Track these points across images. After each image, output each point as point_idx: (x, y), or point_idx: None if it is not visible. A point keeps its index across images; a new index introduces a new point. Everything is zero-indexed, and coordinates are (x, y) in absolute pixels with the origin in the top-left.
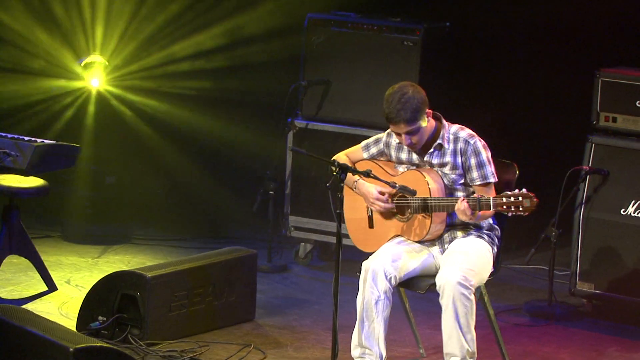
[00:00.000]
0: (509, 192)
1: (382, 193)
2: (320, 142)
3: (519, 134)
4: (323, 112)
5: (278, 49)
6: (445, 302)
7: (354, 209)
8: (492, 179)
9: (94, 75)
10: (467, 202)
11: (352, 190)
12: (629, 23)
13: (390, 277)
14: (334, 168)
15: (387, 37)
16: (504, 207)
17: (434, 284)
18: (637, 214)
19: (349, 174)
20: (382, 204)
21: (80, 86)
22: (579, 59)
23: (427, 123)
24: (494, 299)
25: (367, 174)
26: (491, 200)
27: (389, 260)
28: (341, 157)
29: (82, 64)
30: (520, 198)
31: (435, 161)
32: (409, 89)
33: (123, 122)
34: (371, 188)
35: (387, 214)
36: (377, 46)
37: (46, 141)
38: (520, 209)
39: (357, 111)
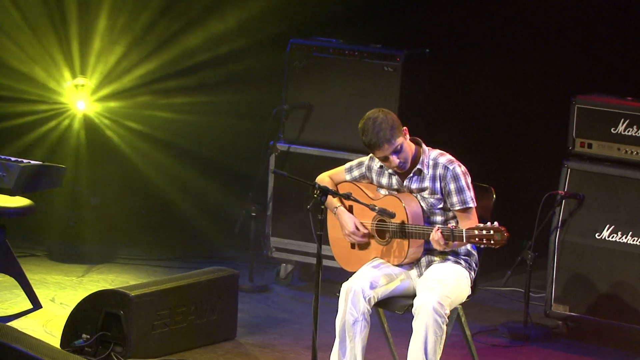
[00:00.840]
0: (482, 225)
1: (358, 228)
2: (301, 164)
3: (496, 159)
4: (304, 136)
5: (261, 73)
6: (418, 325)
7: (337, 228)
8: (472, 204)
9: (80, 98)
10: (441, 232)
11: (332, 214)
12: (605, 51)
13: (369, 298)
14: (314, 190)
15: (368, 62)
16: (476, 239)
17: (412, 306)
18: (612, 238)
19: (331, 197)
20: (356, 238)
21: (66, 108)
22: (556, 85)
23: (407, 140)
24: (471, 319)
25: (347, 197)
26: (464, 232)
27: (367, 281)
28: (324, 177)
29: (68, 87)
30: (492, 232)
31: (414, 186)
32: (378, 113)
33: (108, 144)
34: (349, 221)
35: (368, 238)
36: (358, 71)
37: (32, 162)
38: (492, 242)
39: (338, 135)
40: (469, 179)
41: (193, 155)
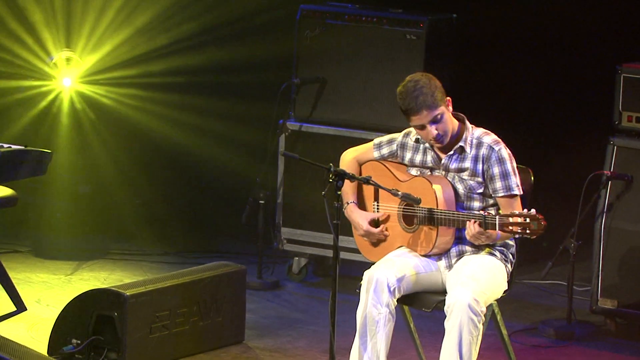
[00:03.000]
0: (517, 212)
1: (373, 223)
2: (314, 145)
3: (533, 136)
4: (318, 113)
5: (268, 44)
6: (451, 325)
7: None
8: (517, 191)
9: (66, 74)
10: (479, 223)
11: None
12: None
13: (394, 289)
14: (330, 174)
15: (388, 30)
16: (510, 227)
17: (441, 302)
18: None
19: (345, 190)
20: (375, 236)
21: (51, 86)
22: (600, 52)
23: (449, 112)
24: (508, 317)
25: (366, 181)
26: (497, 220)
27: (393, 271)
28: (349, 157)
29: (53, 61)
30: (527, 219)
31: (453, 165)
32: (421, 77)
33: (99, 125)
34: (361, 220)
35: (393, 224)
36: (376, 40)
37: (13, 146)
38: (528, 231)
39: (355, 112)
40: (515, 164)
41: (193, 137)
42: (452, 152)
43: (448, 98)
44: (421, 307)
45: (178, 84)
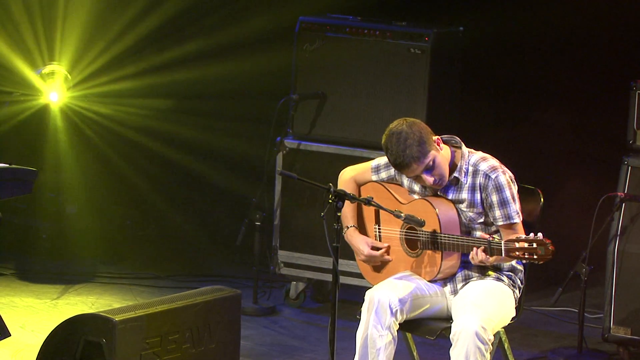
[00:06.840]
0: (523, 237)
1: (375, 248)
2: (313, 164)
3: (543, 156)
4: (317, 130)
5: (265, 58)
6: (457, 353)
7: None
8: (517, 219)
9: (54, 88)
10: (483, 249)
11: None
12: None
13: (396, 311)
14: (329, 195)
15: (391, 43)
16: (516, 253)
17: (446, 329)
18: None
19: (345, 212)
20: (377, 260)
21: (37, 101)
22: (614, 68)
23: (440, 151)
24: (516, 345)
25: (367, 202)
26: (503, 245)
27: (396, 292)
28: (347, 176)
29: (40, 75)
30: (534, 245)
31: (450, 197)
32: (403, 126)
33: (87, 143)
34: (362, 245)
35: (396, 248)
36: (379, 54)
37: None
38: (535, 256)
39: (356, 129)
40: (515, 188)
41: (186, 155)
42: (447, 184)
43: (436, 138)
44: (425, 335)
45: (170, 101)
